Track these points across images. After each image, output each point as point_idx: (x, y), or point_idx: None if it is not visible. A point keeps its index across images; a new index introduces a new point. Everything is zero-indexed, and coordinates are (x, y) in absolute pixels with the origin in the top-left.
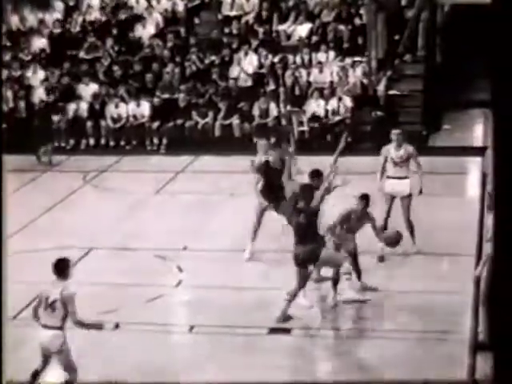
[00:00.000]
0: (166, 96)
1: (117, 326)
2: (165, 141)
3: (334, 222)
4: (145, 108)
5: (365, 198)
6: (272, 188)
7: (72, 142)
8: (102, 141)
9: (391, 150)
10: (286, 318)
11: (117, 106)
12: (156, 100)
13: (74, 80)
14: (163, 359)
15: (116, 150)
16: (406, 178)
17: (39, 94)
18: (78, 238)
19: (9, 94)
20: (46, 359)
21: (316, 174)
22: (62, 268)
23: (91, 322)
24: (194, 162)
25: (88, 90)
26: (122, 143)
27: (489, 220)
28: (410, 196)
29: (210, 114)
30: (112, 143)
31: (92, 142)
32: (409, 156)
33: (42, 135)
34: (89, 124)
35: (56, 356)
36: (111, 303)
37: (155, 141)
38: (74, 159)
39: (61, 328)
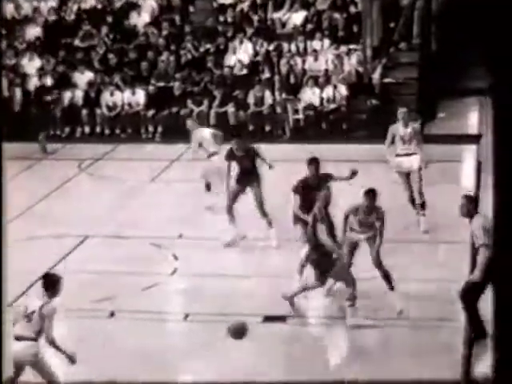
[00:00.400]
0: (161, 84)
1: (112, 314)
2: (160, 129)
3: (344, 213)
4: (140, 96)
5: (369, 193)
6: (244, 173)
7: (67, 130)
8: (97, 129)
9: (400, 128)
10: (291, 302)
11: (112, 94)
12: (151, 88)
13: (69, 68)
14: (158, 347)
15: (111, 138)
16: (414, 153)
17: (34, 82)
18: (73, 226)
19: (4, 82)
20: (19, 371)
21: (313, 162)
22: (50, 282)
23: (64, 350)
24: (189, 150)
25: (83, 78)
26: (117, 131)
27: (474, 224)
28: (420, 170)
29: (205, 102)
30: (107, 131)
31: (87, 130)
32: (416, 133)
33: (37, 123)
34: (84, 112)
35: (32, 368)
36: (106, 291)
37: (150, 129)
38: (70, 147)
39: (35, 339)
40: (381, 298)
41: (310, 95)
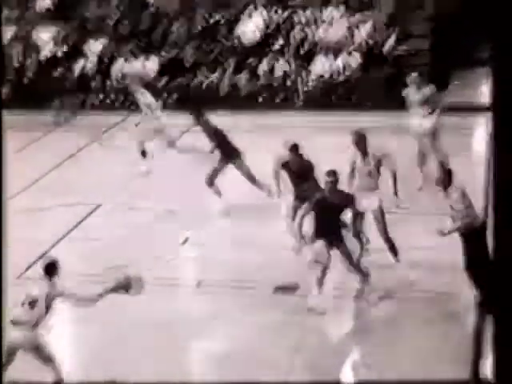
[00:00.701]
0: (173, 54)
1: None
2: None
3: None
4: (152, 66)
5: (356, 135)
6: (222, 150)
7: (79, 99)
8: (109, 98)
9: (411, 93)
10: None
11: (124, 64)
12: (163, 58)
13: (81, 37)
14: (170, 315)
15: (123, 108)
16: (427, 116)
17: (47, 51)
18: (84, 195)
19: (16, 51)
20: (12, 356)
21: (292, 148)
22: (51, 267)
23: (110, 287)
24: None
25: (95, 47)
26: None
27: (452, 197)
28: (434, 132)
29: (217, 72)
30: (119, 100)
31: (99, 99)
32: (428, 99)
33: (50, 92)
34: (96, 81)
35: (31, 353)
36: (119, 260)
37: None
38: (81, 117)
39: (35, 325)
40: (390, 268)
41: (322, 65)
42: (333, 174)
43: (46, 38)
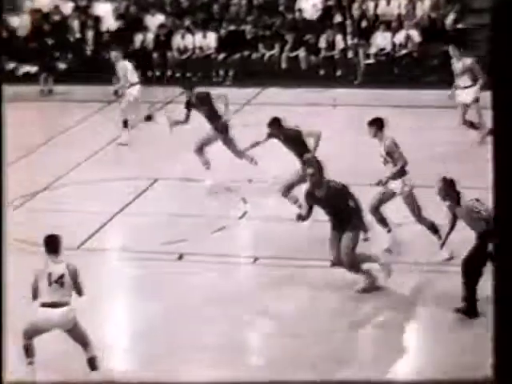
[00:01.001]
0: (233, 28)
1: (180, 256)
2: (231, 73)
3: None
4: (211, 39)
5: (373, 122)
6: (211, 122)
7: (138, 73)
8: (168, 72)
9: (454, 64)
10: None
11: (183, 38)
12: (222, 32)
13: (141, 11)
14: (226, 290)
15: (182, 82)
16: (469, 87)
17: (107, 24)
18: (143, 168)
19: (75, 24)
20: (37, 334)
21: (271, 124)
22: (53, 245)
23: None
24: (260, 94)
25: (154, 20)
26: (188, 75)
27: (467, 204)
28: (476, 101)
29: (277, 46)
30: (178, 75)
31: (158, 73)
32: (469, 68)
33: (109, 66)
34: (155, 55)
35: (68, 333)
36: (176, 234)
37: (221, 72)
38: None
39: (68, 303)
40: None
41: (382, 40)
42: (305, 163)
43: (106, 11)
